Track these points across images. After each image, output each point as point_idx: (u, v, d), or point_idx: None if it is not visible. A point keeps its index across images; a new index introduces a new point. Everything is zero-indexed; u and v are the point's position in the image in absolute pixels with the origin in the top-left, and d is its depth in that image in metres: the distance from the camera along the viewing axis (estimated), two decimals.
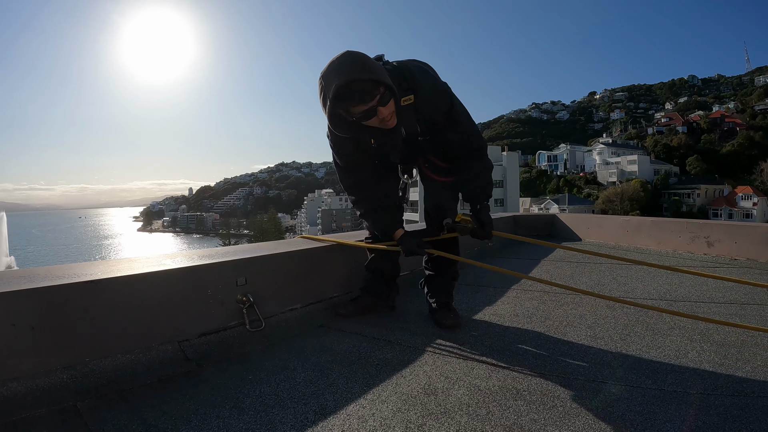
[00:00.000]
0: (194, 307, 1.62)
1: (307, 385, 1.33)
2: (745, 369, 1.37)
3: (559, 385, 1.30)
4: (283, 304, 1.93)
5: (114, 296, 1.41)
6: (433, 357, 1.53)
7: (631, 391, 1.25)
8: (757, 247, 3.14)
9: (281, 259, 1.94)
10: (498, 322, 1.89)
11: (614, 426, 1.08)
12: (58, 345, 1.31)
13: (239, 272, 1.74)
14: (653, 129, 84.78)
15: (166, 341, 1.52)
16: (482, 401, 1.21)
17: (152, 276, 1.52)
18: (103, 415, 1.16)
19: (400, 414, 1.16)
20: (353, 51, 1.45)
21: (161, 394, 1.28)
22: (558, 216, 4.88)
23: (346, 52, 1.44)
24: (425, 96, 1.59)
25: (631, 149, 71.35)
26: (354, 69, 1.39)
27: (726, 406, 1.15)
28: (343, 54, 1.44)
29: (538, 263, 3.26)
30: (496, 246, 4.13)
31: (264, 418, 1.15)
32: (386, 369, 1.43)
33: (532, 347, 1.60)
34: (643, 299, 2.20)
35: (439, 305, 1.89)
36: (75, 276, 1.41)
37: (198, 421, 1.14)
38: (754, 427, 1.06)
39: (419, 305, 2.09)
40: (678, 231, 3.64)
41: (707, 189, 58.25)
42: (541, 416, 1.13)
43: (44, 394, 1.21)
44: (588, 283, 2.56)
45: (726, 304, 2.09)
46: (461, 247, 2.01)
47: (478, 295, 2.34)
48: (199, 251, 1.93)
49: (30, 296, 1.26)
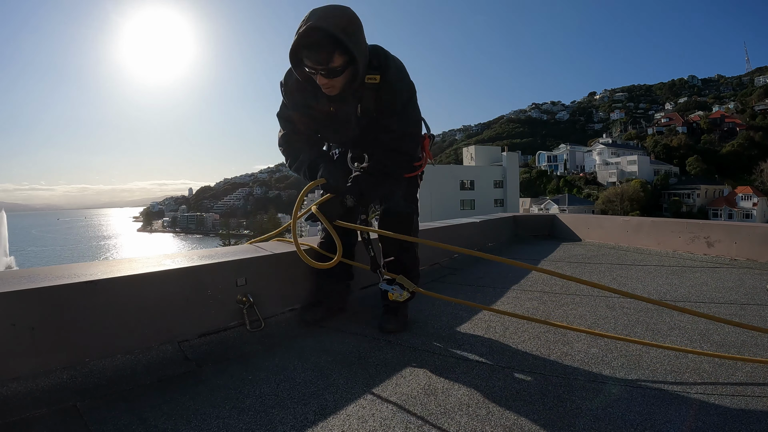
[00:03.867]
0: (194, 307, 1.62)
1: (307, 385, 1.33)
2: (745, 369, 1.37)
3: (559, 385, 1.30)
4: (283, 304, 1.93)
5: (114, 296, 1.41)
6: (433, 357, 1.53)
7: (631, 391, 1.25)
8: (757, 248, 3.14)
9: (281, 259, 1.94)
10: (498, 322, 1.89)
11: (614, 426, 1.08)
12: (58, 345, 1.31)
13: (239, 272, 1.74)
14: (653, 129, 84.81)
15: (166, 341, 1.52)
16: (482, 401, 1.21)
17: (152, 276, 1.52)
18: (103, 415, 1.16)
19: (400, 414, 1.16)
20: (344, 6, 1.43)
21: (161, 394, 1.28)
22: (558, 216, 4.88)
23: (334, 4, 1.42)
24: (390, 81, 1.57)
25: (631, 149, 71.38)
26: (327, 20, 1.37)
27: (726, 406, 1.15)
28: (330, 4, 1.42)
29: (537, 264, 3.26)
30: (496, 246, 4.13)
31: (264, 418, 1.15)
32: (386, 369, 1.43)
33: (532, 347, 1.60)
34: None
35: (385, 309, 1.83)
36: (75, 276, 1.41)
37: (198, 421, 1.14)
38: (754, 427, 1.06)
39: (419, 305, 2.09)
40: (678, 231, 3.65)
41: (707, 189, 58.29)
42: (541, 416, 1.13)
43: (44, 394, 1.21)
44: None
45: (726, 304, 2.09)
46: (464, 247, 2.01)
47: (478, 295, 2.34)
48: (199, 251, 1.93)
49: (30, 296, 1.26)
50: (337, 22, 1.38)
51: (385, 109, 1.62)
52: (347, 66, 1.46)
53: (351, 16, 1.42)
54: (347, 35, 1.39)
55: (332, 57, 1.41)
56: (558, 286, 2.53)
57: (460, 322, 1.89)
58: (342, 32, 1.38)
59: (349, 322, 1.90)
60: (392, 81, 1.58)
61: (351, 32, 1.40)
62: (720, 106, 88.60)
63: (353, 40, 1.41)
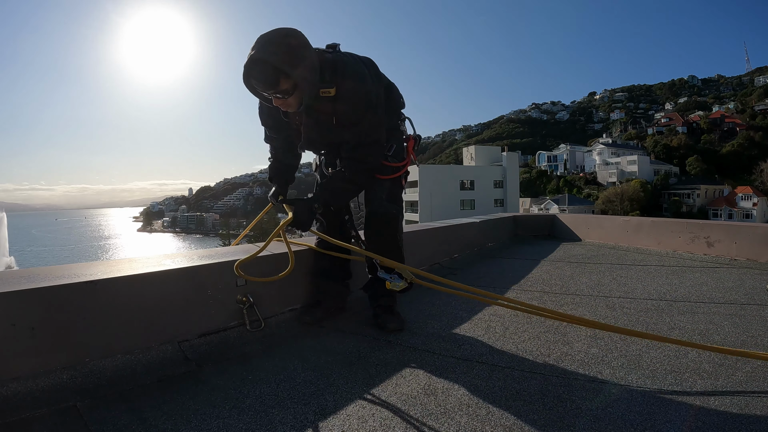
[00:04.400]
0: (194, 307, 1.62)
1: (307, 385, 1.33)
2: (745, 369, 1.37)
3: (559, 385, 1.30)
4: (283, 304, 1.93)
5: (114, 296, 1.41)
6: (433, 357, 1.53)
7: (631, 391, 1.25)
8: (757, 248, 3.14)
9: (281, 259, 1.94)
10: (498, 322, 1.89)
11: (614, 426, 1.08)
12: (58, 345, 1.31)
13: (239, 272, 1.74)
14: (653, 129, 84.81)
15: (166, 341, 1.52)
16: (482, 401, 1.21)
17: (152, 276, 1.52)
18: (103, 415, 1.16)
19: (400, 414, 1.16)
20: (286, 30, 1.50)
21: (161, 394, 1.28)
22: (558, 216, 4.88)
23: (277, 30, 1.50)
24: (343, 93, 1.63)
25: (630, 149, 71.39)
26: (266, 49, 1.45)
27: (726, 406, 1.15)
28: (274, 30, 1.50)
29: (537, 263, 3.26)
30: (496, 246, 4.13)
31: (264, 418, 1.15)
32: (386, 369, 1.43)
33: (532, 347, 1.60)
34: (643, 299, 2.20)
35: (382, 309, 1.85)
36: (75, 276, 1.41)
37: (198, 421, 1.14)
38: (754, 427, 1.06)
39: (419, 305, 2.09)
40: (678, 231, 3.65)
41: (707, 189, 58.29)
42: (541, 416, 1.13)
43: (44, 394, 1.22)
44: (588, 284, 2.56)
45: (726, 304, 2.09)
46: (464, 247, 2.01)
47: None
48: (199, 251, 1.93)
49: (30, 296, 1.26)
50: (276, 50, 1.46)
51: (343, 120, 1.68)
52: (295, 88, 1.53)
53: (291, 43, 1.49)
54: (288, 63, 1.46)
55: (278, 83, 1.50)
56: (558, 286, 2.54)
57: (460, 322, 1.89)
58: (282, 62, 1.46)
59: (349, 322, 1.90)
60: (347, 94, 1.63)
61: (292, 58, 1.48)
62: (720, 106, 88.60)
63: (294, 65, 1.48)
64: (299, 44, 1.51)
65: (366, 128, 1.70)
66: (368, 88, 1.67)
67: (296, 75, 1.48)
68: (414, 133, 1.95)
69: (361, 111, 1.66)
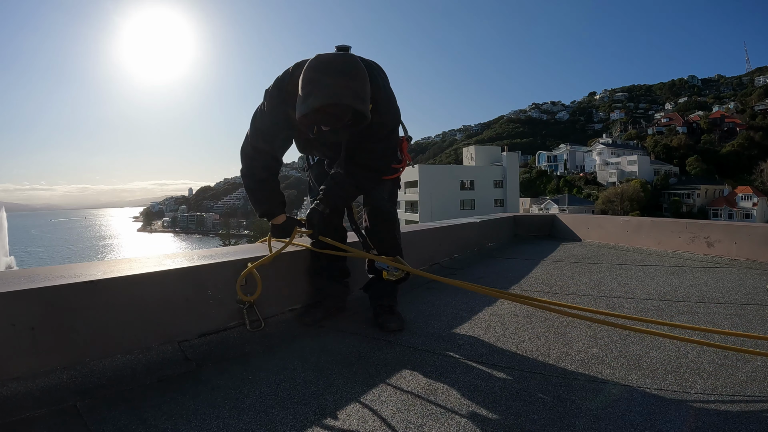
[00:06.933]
0: (194, 307, 1.62)
1: (307, 385, 1.33)
2: (745, 369, 1.37)
3: (559, 385, 1.30)
4: (283, 304, 1.93)
5: (114, 296, 1.41)
6: (433, 357, 1.53)
7: (631, 391, 1.25)
8: (757, 248, 3.14)
9: (281, 259, 1.94)
10: (498, 322, 1.89)
11: (614, 426, 1.08)
12: (58, 345, 1.31)
13: (239, 272, 1.74)
14: (653, 129, 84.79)
15: (166, 341, 1.52)
16: (482, 401, 1.21)
17: (152, 276, 1.52)
18: (103, 415, 1.16)
19: (400, 414, 1.16)
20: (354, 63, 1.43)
21: (161, 394, 1.28)
22: (558, 216, 4.88)
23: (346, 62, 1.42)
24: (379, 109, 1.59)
25: (631, 149, 71.39)
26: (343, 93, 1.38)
27: (726, 406, 1.15)
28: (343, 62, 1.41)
29: (537, 263, 3.26)
30: (496, 246, 4.13)
31: (264, 418, 1.15)
32: (386, 369, 1.43)
33: (532, 347, 1.60)
34: (643, 299, 2.20)
35: (382, 309, 1.86)
36: (75, 276, 1.41)
37: (198, 421, 1.14)
38: (754, 427, 1.06)
39: (419, 305, 2.09)
40: (678, 231, 3.65)
41: (707, 189, 58.29)
42: (541, 416, 1.13)
43: (44, 394, 1.21)
44: (588, 284, 2.56)
45: (726, 304, 2.09)
46: (464, 247, 2.01)
47: (477, 296, 2.33)
48: (199, 251, 1.93)
49: (30, 296, 1.26)
50: (356, 89, 1.40)
51: (371, 136, 1.67)
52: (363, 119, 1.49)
53: (362, 75, 1.43)
54: (363, 101, 1.42)
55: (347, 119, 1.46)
56: (558, 286, 2.54)
57: (460, 322, 1.89)
58: (359, 101, 1.41)
59: (349, 322, 1.90)
60: (382, 109, 1.61)
61: (365, 95, 1.44)
62: (720, 106, 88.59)
63: (366, 102, 1.44)
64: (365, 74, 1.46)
65: (391, 144, 1.74)
66: (396, 107, 1.69)
67: (367, 112, 1.45)
68: (406, 134, 1.97)
69: (391, 129, 1.70)
